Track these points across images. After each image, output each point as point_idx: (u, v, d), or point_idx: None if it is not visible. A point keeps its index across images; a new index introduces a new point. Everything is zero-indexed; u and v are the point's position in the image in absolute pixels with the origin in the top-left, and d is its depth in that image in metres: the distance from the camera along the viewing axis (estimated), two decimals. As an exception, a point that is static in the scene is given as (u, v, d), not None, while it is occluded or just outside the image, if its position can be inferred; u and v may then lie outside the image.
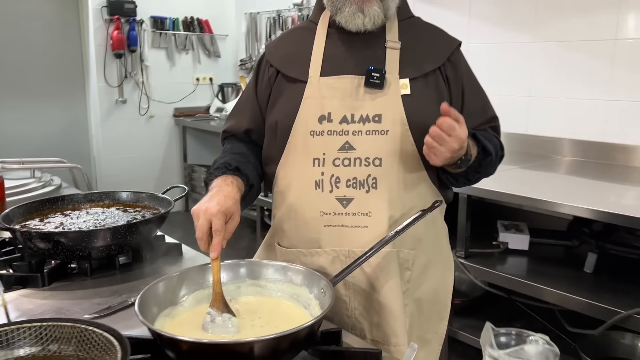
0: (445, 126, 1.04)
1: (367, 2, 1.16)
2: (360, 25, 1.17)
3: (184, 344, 0.84)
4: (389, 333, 1.16)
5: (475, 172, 1.22)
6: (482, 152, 1.18)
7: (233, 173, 1.18)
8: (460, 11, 3.22)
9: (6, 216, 1.41)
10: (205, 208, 1.04)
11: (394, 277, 1.17)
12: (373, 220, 1.15)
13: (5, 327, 0.83)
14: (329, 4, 1.21)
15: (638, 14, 2.53)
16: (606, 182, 2.37)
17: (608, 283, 2.09)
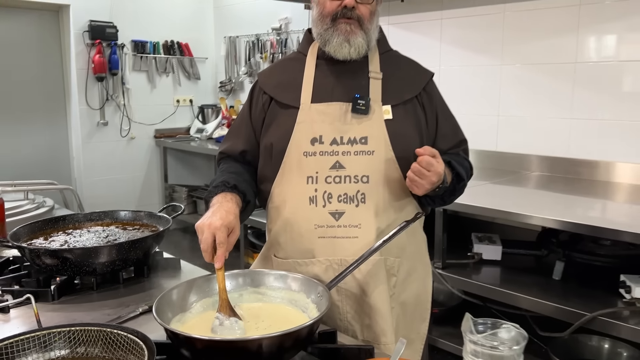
0: (424, 163, 1.19)
1: (352, 34, 1.30)
2: (347, 55, 1.31)
3: (198, 342, 0.94)
4: (378, 333, 1.28)
5: (450, 195, 1.37)
6: (456, 177, 1.34)
7: (232, 190, 1.29)
8: (433, 36, 3.41)
9: (14, 235, 1.50)
10: (209, 223, 1.15)
11: (382, 282, 1.30)
12: (362, 232, 1.28)
13: (39, 332, 0.92)
14: (318, 36, 1.35)
15: (594, 39, 2.74)
16: (572, 195, 2.54)
17: (575, 289, 2.24)
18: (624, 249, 2.30)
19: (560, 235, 2.49)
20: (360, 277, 1.29)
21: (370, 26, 1.32)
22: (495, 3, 3.08)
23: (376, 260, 1.28)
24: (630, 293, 2.02)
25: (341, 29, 1.29)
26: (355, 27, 1.29)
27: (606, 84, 2.72)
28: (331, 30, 1.30)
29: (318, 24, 1.34)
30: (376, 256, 1.25)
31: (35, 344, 0.91)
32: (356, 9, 1.29)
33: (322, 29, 1.32)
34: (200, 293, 1.18)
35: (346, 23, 1.29)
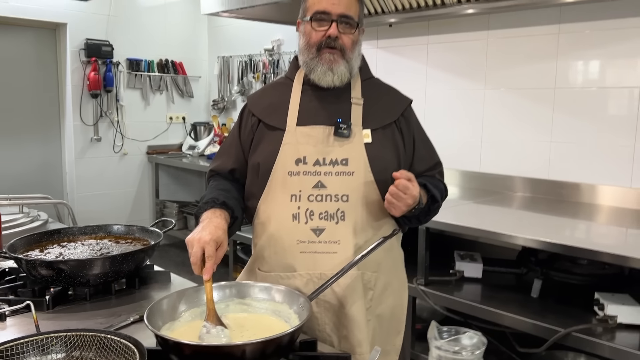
0: (401, 186, 1.28)
1: (335, 63, 1.40)
2: (330, 82, 1.41)
3: (186, 348, 1.01)
4: (354, 344, 1.36)
5: (425, 215, 1.47)
6: (431, 199, 1.44)
7: (220, 207, 1.37)
8: (419, 60, 3.53)
9: (11, 246, 1.56)
10: (198, 237, 1.23)
11: (360, 296, 1.38)
12: (341, 247, 1.36)
13: (37, 337, 0.99)
14: (304, 64, 1.45)
15: (572, 66, 2.87)
16: (551, 216, 2.63)
17: (552, 306, 2.31)
18: (600, 268, 2.39)
19: (539, 255, 2.57)
20: (338, 291, 1.36)
21: (352, 55, 1.42)
22: (479, 30, 3.21)
23: (354, 274, 1.36)
24: (604, 310, 2.10)
25: (325, 59, 1.39)
26: (338, 57, 1.40)
27: (584, 109, 2.84)
28: (316, 59, 1.40)
29: (304, 53, 1.44)
30: (354, 271, 1.34)
31: (34, 347, 0.98)
32: (339, 38, 1.39)
33: (307, 57, 1.43)
34: (189, 303, 1.25)
35: (330, 53, 1.39)
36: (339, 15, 1.39)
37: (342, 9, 1.38)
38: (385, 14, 3.31)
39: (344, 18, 1.39)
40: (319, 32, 1.40)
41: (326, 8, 1.38)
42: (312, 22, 1.41)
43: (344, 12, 1.39)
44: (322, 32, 1.39)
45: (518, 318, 2.23)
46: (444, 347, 0.86)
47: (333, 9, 1.38)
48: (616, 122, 2.74)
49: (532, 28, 2.99)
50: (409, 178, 1.29)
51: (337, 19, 1.39)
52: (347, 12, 1.39)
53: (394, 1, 3.19)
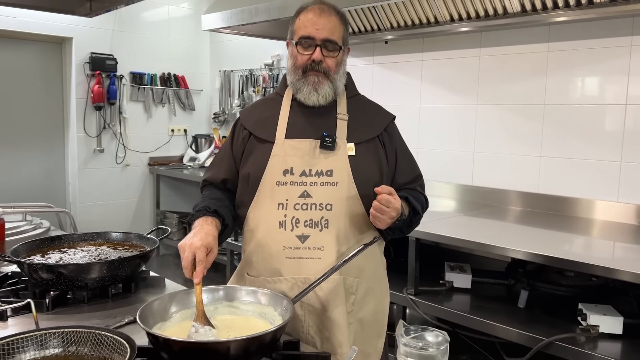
0: (384, 201, 1.37)
1: (319, 84, 1.49)
2: (316, 102, 1.51)
3: (175, 345, 1.09)
4: (335, 345, 1.43)
5: (407, 227, 1.55)
6: (413, 211, 1.52)
7: (212, 215, 1.45)
8: (414, 76, 3.62)
9: (15, 251, 1.64)
10: (190, 243, 1.31)
11: (341, 299, 1.45)
12: (325, 253, 1.44)
13: (36, 332, 1.06)
14: (291, 85, 1.55)
15: (560, 84, 2.95)
16: (540, 229, 2.69)
17: (538, 316, 2.37)
18: (585, 280, 2.45)
19: (527, 266, 2.64)
20: (321, 295, 1.44)
21: (337, 76, 1.51)
22: (472, 47, 3.31)
23: (336, 279, 1.44)
24: (586, 320, 2.16)
25: (310, 80, 1.48)
26: (323, 78, 1.49)
27: (573, 125, 2.92)
28: (302, 80, 1.50)
29: (291, 74, 1.53)
30: (336, 276, 1.42)
31: (32, 342, 1.05)
32: (323, 62, 1.48)
33: (294, 79, 1.52)
34: (179, 305, 1.32)
35: (314, 75, 1.48)
36: (323, 40, 1.47)
37: (326, 33, 1.47)
38: (381, 31, 3.42)
39: (328, 42, 1.47)
40: (304, 56, 1.49)
41: (310, 33, 1.47)
42: (297, 46, 1.50)
43: (327, 37, 1.47)
44: (307, 55, 1.48)
45: (505, 327, 2.29)
46: (410, 344, 0.93)
47: (317, 34, 1.46)
48: (603, 138, 2.82)
49: (522, 46, 3.09)
50: (390, 192, 1.37)
51: (321, 43, 1.47)
52: (330, 37, 1.47)
53: (389, 19, 3.29)
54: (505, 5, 2.77)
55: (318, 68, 1.48)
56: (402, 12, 3.20)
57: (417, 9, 3.11)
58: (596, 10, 2.51)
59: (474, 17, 2.93)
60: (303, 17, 1.50)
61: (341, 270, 1.40)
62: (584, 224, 2.78)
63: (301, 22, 1.50)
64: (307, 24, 1.47)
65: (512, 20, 2.82)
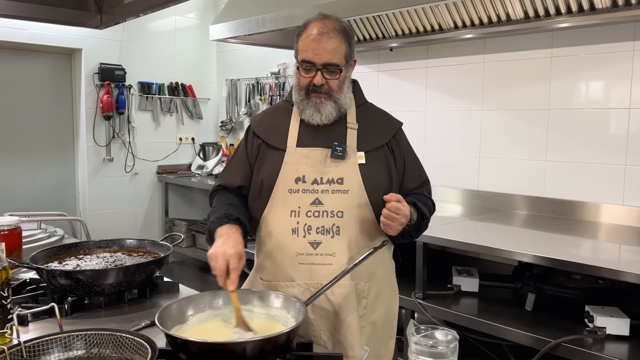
0: (393, 209, 1.41)
1: (321, 105, 1.52)
2: (319, 121, 1.55)
3: (193, 345, 1.13)
4: (347, 347, 1.47)
5: (416, 231, 1.59)
6: (421, 216, 1.56)
7: (235, 222, 1.49)
8: (419, 82, 3.67)
9: (33, 258, 1.69)
10: (222, 251, 1.35)
11: (353, 304, 1.49)
12: (337, 259, 1.48)
13: (61, 335, 1.11)
14: (296, 103, 1.58)
15: (564, 89, 2.99)
16: (546, 232, 2.72)
17: (545, 318, 2.40)
18: (592, 282, 2.48)
19: (534, 269, 2.66)
20: (334, 300, 1.48)
21: (340, 95, 1.53)
22: (476, 54, 3.35)
23: (348, 285, 1.48)
24: (593, 322, 2.18)
25: (313, 102, 1.52)
26: (325, 99, 1.52)
27: (577, 130, 2.95)
28: (305, 101, 1.53)
29: (296, 93, 1.57)
30: (348, 281, 1.46)
31: (57, 344, 1.09)
32: (325, 84, 1.50)
33: (298, 98, 1.56)
34: (196, 308, 1.37)
35: (317, 97, 1.51)
36: (323, 65, 1.48)
37: (326, 58, 1.47)
38: (386, 39, 3.47)
39: (329, 66, 1.49)
40: (306, 79, 1.52)
41: (311, 58, 1.48)
42: (299, 69, 1.53)
43: (327, 61, 1.48)
44: (309, 78, 1.51)
45: (513, 330, 2.31)
46: (421, 342, 0.97)
47: (317, 59, 1.48)
48: (608, 142, 2.85)
49: (526, 52, 3.12)
50: (398, 200, 1.41)
51: (322, 68, 1.49)
52: (330, 61, 1.48)
53: (394, 27, 3.34)
54: (508, 12, 2.81)
55: (320, 90, 1.50)
56: (406, 20, 3.25)
57: (422, 16, 3.16)
58: (598, 16, 2.54)
59: (477, 24, 2.98)
60: (304, 39, 1.51)
61: (353, 275, 1.44)
62: (590, 227, 2.81)
63: (302, 45, 1.51)
64: (307, 49, 1.49)
65: (515, 27, 2.86)
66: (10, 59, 4.52)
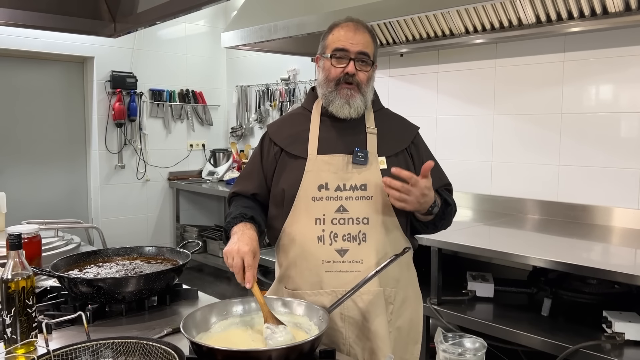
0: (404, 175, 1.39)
1: (352, 97, 1.53)
2: (348, 114, 1.55)
3: (219, 353, 1.13)
4: (379, 354, 1.47)
5: (440, 219, 1.57)
6: (444, 203, 1.55)
7: (249, 221, 1.50)
8: (430, 87, 3.67)
9: (54, 266, 1.71)
10: (237, 248, 1.36)
11: (382, 309, 1.50)
12: (364, 266, 1.49)
13: (89, 343, 1.12)
14: (323, 97, 1.58)
15: (577, 93, 2.99)
16: (561, 237, 2.71)
17: (561, 324, 2.39)
18: (608, 287, 2.46)
19: (549, 274, 2.65)
20: (362, 306, 1.49)
21: (367, 89, 1.56)
22: (487, 58, 3.35)
23: (376, 291, 1.49)
24: (611, 328, 2.17)
25: (343, 93, 1.53)
26: (355, 92, 1.53)
27: (590, 134, 2.94)
28: (335, 93, 1.54)
29: (323, 86, 1.57)
30: (376, 287, 1.47)
31: (86, 352, 1.11)
32: (356, 75, 1.52)
33: (326, 91, 1.56)
34: (219, 315, 1.37)
35: (347, 88, 1.52)
36: (357, 53, 1.51)
37: (360, 47, 1.51)
38: (397, 44, 3.48)
39: (362, 55, 1.52)
40: (338, 69, 1.53)
41: (345, 46, 1.51)
42: (331, 59, 1.54)
43: (361, 50, 1.51)
44: (341, 68, 1.52)
45: (529, 335, 2.30)
46: (449, 350, 0.97)
47: (352, 47, 1.51)
48: (621, 146, 2.84)
49: (538, 56, 3.12)
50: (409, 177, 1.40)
51: (355, 56, 1.51)
52: (364, 50, 1.52)
53: (405, 32, 3.35)
54: (520, 17, 2.81)
55: (351, 81, 1.52)
56: (417, 26, 3.26)
57: (432, 22, 3.17)
58: (611, 20, 2.54)
59: (489, 29, 2.98)
60: (337, 32, 1.55)
61: (380, 281, 1.45)
62: (604, 232, 2.80)
63: (335, 37, 1.54)
64: (342, 38, 1.52)
65: (527, 32, 2.87)
66: (24, 67, 4.57)
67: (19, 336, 1.25)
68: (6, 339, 1.27)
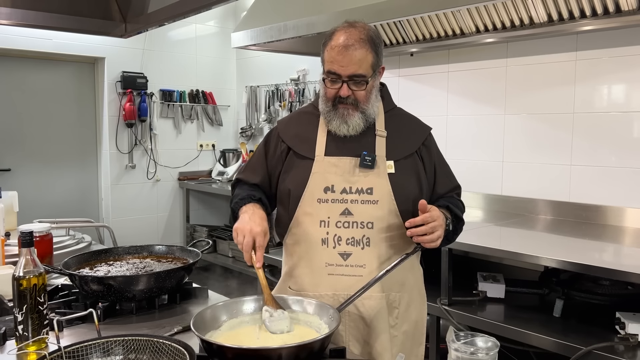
0: (427, 219, 1.39)
1: (349, 116, 1.50)
2: (346, 132, 1.52)
3: (229, 351, 1.13)
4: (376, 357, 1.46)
5: (453, 234, 1.57)
6: (455, 218, 1.55)
7: (258, 202, 1.51)
8: (440, 87, 3.66)
9: (66, 264, 1.72)
10: (249, 228, 1.37)
11: (384, 315, 1.49)
12: (367, 271, 1.48)
13: (100, 340, 1.12)
14: (322, 114, 1.56)
15: (589, 92, 2.96)
16: (572, 237, 2.68)
17: (574, 325, 2.36)
18: (621, 288, 2.43)
19: (561, 275, 2.63)
20: (363, 311, 1.48)
21: (367, 105, 1.51)
22: (498, 58, 3.33)
23: (379, 296, 1.48)
24: (625, 329, 2.14)
25: (340, 113, 1.50)
26: (353, 110, 1.49)
27: (602, 133, 2.91)
28: (332, 112, 1.51)
29: (322, 103, 1.55)
30: (379, 293, 1.45)
31: (97, 349, 1.11)
32: (351, 95, 1.48)
33: (324, 109, 1.54)
34: (229, 314, 1.37)
35: (344, 108, 1.49)
36: (349, 76, 1.45)
37: (352, 70, 1.44)
38: (407, 44, 3.46)
39: (355, 77, 1.45)
40: (332, 90, 1.49)
41: (336, 70, 1.45)
42: (324, 80, 1.50)
43: (353, 73, 1.44)
44: (335, 90, 1.48)
45: (541, 337, 2.28)
46: (461, 349, 0.96)
47: (342, 71, 1.44)
48: (635, 146, 2.80)
49: (549, 56, 3.10)
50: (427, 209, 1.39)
51: (347, 79, 1.46)
52: (356, 72, 1.44)
53: (414, 32, 3.34)
54: (531, 16, 2.79)
55: (346, 101, 1.48)
56: (427, 25, 3.24)
57: (443, 21, 3.15)
58: (624, 18, 2.51)
59: (499, 28, 2.96)
60: (329, 50, 1.47)
61: (384, 286, 1.44)
62: (616, 232, 2.77)
63: (327, 56, 1.48)
64: (333, 60, 1.45)
65: (538, 30, 2.84)
66: (35, 68, 4.61)
67: (30, 333, 1.26)
68: (18, 335, 1.28)
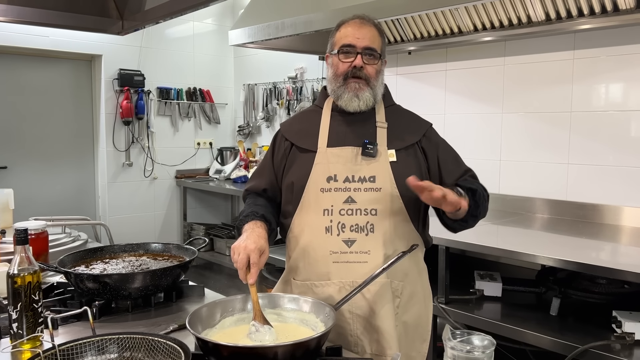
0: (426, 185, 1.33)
1: (360, 90, 1.54)
2: (357, 107, 1.56)
3: (224, 349, 1.13)
4: (385, 346, 1.47)
5: (475, 207, 1.49)
6: (470, 192, 1.47)
7: (260, 219, 1.51)
8: (438, 86, 3.65)
9: (61, 262, 1.71)
10: (244, 245, 1.37)
11: (389, 302, 1.49)
12: (371, 257, 1.49)
13: (94, 338, 1.12)
14: (332, 92, 1.60)
15: (587, 91, 2.96)
16: (570, 236, 2.69)
17: (570, 323, 2.36)
18: (618, 287, 2.44)
19: (558, 274, 2.63)
20: (369, 297, 1.48)
21: (376, 83, 1.57)
22: (496, 56, 3.33)
23: (383, 282, 1.49)
24: (621, 328, 2.14)
25: (351, 87, 1.54)
26: (363, 85, 1.54)
27: (600, 132, 2.91)
28: (343, 87, 1.55)
29: (332, 82, 1.59)
30: (383, 278, 1.46)
31: (91, 347, 1.10)
32: (364, 69, 1.53)
33: (335, 86, 1.58)
34: (225, 312, 1.37)
35: (355, 82, 1.54)
36: (364, 48, 1.53)
37: (367, 42, 1.53)
38: (405, 42, 3.46)
39: (368, 50, 1.53)
40: (345, 63, 1.55)
41: (352, 42, 1.53)
42: (339, 54, 1.56)
43: (368, 45, 1.53)
44: (348, 63, 1.54)
45: (537, 335, 2.28)
46: (457, 347, 0.96)
47: (358, 42, 1.53)
48: (631, 145, 2.81)
49: (547, 54, 3.10)
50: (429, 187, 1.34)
51: (362, 51, 1.53)
52: (371, 45, 1.54)
53: (412, 30, 3.33)
54: (529, 14, 2.79)
55: (359, 74, 1.53)
56: (425, 23, 3.24)
57: (441, 19, 3.15)
58: (622, 17, 2.51)
59: (497, 26, 2.96)
60: (344, 29, 1.57)
61: (387, 273, 1.44)
62: (613, 231, 2.77)
63: (342, 34, 1.57)
64: (348, 34, 1.55)
65: (536, 29, 2.84)
66: (32, 65, 4.59)
67: (24, 331, 1.25)
68: (12, 333, 1.28)
